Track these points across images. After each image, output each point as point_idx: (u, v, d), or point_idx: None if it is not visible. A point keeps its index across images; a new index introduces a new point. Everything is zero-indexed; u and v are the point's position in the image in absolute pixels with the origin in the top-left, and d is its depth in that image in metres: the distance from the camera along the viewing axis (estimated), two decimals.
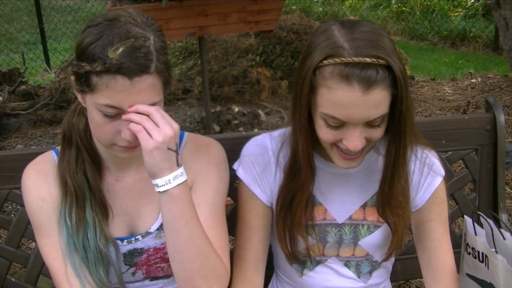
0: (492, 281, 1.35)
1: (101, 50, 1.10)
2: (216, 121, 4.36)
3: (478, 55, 6.75)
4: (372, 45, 1.10)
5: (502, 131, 1.65)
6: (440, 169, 1.38)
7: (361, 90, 1.08)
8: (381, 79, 1.09)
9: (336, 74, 1.10)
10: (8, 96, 4.80)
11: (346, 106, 1.11)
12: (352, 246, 1.37)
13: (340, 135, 1.16)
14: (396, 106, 1.15)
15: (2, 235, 3.00)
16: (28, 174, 1.30)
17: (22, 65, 5.93)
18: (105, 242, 1.27)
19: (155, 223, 1.32)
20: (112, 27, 1.13)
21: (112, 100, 1.12)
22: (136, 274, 1.34)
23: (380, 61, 1.09)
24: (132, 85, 1.11)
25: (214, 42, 5.11)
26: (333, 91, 1.11)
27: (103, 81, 1.11)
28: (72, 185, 1.26)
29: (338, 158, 1.22)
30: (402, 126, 1.18)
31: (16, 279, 1.61)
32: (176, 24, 2.97)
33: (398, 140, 1.21)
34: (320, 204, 1.35)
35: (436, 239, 1.38)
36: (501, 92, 4.76)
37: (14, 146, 4.41)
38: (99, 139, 1.22)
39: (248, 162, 1.36)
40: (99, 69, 1.10)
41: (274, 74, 5.07)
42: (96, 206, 1.27)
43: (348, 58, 1.08)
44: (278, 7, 3.18)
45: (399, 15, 8.19)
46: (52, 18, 8.46)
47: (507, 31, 3.98)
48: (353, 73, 1.08)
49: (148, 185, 1.31)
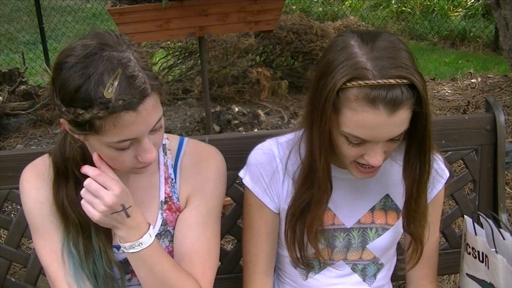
0: (492, 281, 1.35)
1: (95, 93, 1.04)
2: (216, 121, 4.36)
3: (478, 55, 6.75)
4: (395, 64, 1.09)
5: (502, 131, 1.65)
6: (444, 172, 1.39)
7: (387, 112, 1.08)
8: (405, 99, 1.08)
9: (362, 98, 1.08)
10: (8, 96, 4.80)
11: (371, 128, 1.10)
12: (360, 250, 1.36)
13: (362, 151, 1.17)
14: (418, 122, 1.15)
15: (2, 235, 3.00)
16: (26, 176, 1.29)
17: (22, 65, 5.92)
18: (111, 266, 1.27)
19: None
20: (92, 63, 1.05)
21: (124, 135, 1.09)
22: (132, 280, 1.34)
23: (404, 81, 1.08)
24: (139, 114, 1.08)
25: (214, 42, 5.11)
26: (359, 113, 1.10)
27: (109, 122, 1.07)
28: (76, 217, 1.23)
29: (356, 171, 1.22)
30: (427, 141, 1.18)
31: (16, 279, 1.61)
32: (176, 24, 2.97)
33: (423, 155, 1.20)
34: (329, 210, 1.34)
35: (435, 221, 1.41)
36: (501, 92, 4.76)
37: (14, 146, 4.41)
38: (114, 167, 1.19)
39: (256, 171, 1.35)
40: (102, 114, 1.05)
41: (274, 74, 5.07)
42: (100, 233, 1.26)
43: (373, 81, 1.07)
44: (278, 7, 3.18)
45: (399, 15, 8.19)
46: (52, 18, 8.46)
47: (507, 31, 3.98)
48: (379, 96, 1.07)
49: (145, 193, 1.32)
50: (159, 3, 2.84)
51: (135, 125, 1.09)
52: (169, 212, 1.32)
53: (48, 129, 4.68)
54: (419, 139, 1.18)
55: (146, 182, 1.32)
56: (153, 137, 1.16)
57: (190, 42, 5.24)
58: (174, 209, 1.32)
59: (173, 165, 1.33)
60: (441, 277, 2.49)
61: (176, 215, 1.32)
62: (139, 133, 1.11)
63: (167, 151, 1.34)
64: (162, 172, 1.32)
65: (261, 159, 1.35)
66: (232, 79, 5.09)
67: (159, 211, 1.31)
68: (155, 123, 1.13)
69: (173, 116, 4.72)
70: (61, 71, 1.08)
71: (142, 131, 1.11)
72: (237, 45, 5.12)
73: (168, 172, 1.33)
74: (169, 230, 1.32)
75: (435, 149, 1.34)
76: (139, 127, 1.10)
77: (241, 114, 4.45)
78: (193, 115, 4.63)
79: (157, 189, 1.32)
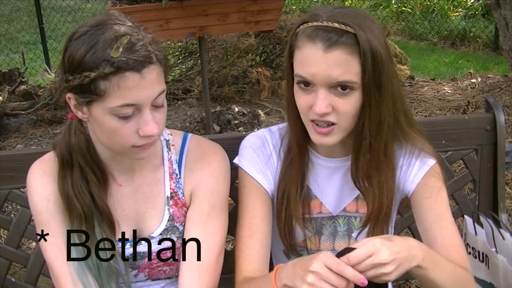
0: (492, 281, 1.35)
1: (101, 54, 1.09)
2: (216, 121, 4.36)
3: (478, 55, 6.75)
4: (347, 16, 1.18)
5: (502, 131, 1.65)
6: (429, 158, 1.33)
7: (322, 48, 1.16)
8: (343, 42, 1.15)
9: (305, 35, 1.19)
10: (8, 96, 4.80)
11: (310, 63, 1.18)
12: (346, 239, 1.38)
13: (310, 101, 1.21)
14: (363, 77, 1.18)
15: (2, 235, 3.00)
16: (33, 173, 1.30)
17: (22, 65, 5.93)
18: (115, 258, 1.27)
19: (158, 228, 1.32)
20: (102, 31, 1.11)
21: (127, 99, 1.11)
22: (138, 276, 1.35)
23: (348, 28, 1.16)
24: (142, 77, 1.11)
25: (214, 42, 5.11)
26: (301, 50, 1.20)
27: (113, 83, 1.09)
28: (80, 207, 1.24)
29: (313, 132, 1.25)
30: (371, 98, 1.20)
31: (16, 279, 1.61)
32: (176, 24, 2.97)
33: (368, 111, 1.21)
34: (316, 198, 1.37)
35: (434, 215, 1.30)
36: (501, 92, 4.76)
37: (14, 146, 4.41)
38: (115, 146, 1.19)
39: (251, 152, 1.37)
40: (108, 70, 1.08)
41: (274, 74, 5.08)
42: (103, 224, 1.26)
43: (319, 22, 1.18)
44: (278, 7, 3.18)
45: (399, 15, 8.19)
46: (52, 18, 8.46)
47: (507, 31, 3.98)
48: (318, 33, 1.17)
49: (151, 189, 1.32)
50: (159, 3, 2.84)
51: (138, 89, 1.10)
52: (175, 208, 1.33)
53: (48, 129, 4.68)
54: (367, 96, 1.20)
55: (151, 177, 1.33)
56: (156, 114, 1.17)
57: (190, 42, 5.24)
58: (180, 204, 1.33)
59: (177, 161, 1.34)
60: None
61: (182, 211, 1.33)
62: (142, 99, 1.12)
63: (171, 146, 1.35)
64: (166, 168, 1.33)
65: (256, 142, 1.38)
66: (232, 79, 5.09)
67: (166, 206, 1.32)
68: (157, 93, 1.14)
69: (173, 116, 4.72)
70: (71, 41, 1.14)
71: (145, 98, 1.12)
72: (237, 45, 5.12)
73: (172, 167, 1.34)
74: (176, 226, 1.33)
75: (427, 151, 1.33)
76: (143, 92, 1.11)
77: (241, 114, 4.45)
78: (193, 115, 4.63)
79: (162, 185, 1.33)
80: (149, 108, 1.15)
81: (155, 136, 1.17)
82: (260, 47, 5.33)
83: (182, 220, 1.33)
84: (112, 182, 1.31)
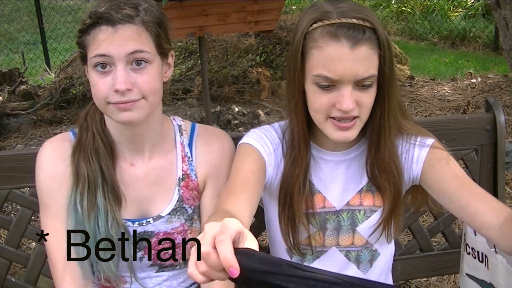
0: (492, 281, 1.35)
1: (93, 9, 1.19)
2: (216, 121, 4.36)
3: (478, 55, 6.75)
4: (357, 10, 1.20)
5: (502, 131, 1.65)
6: (427, 138, 1.34)
7: (349, 45, 1.16)
8: (367, 37, 1.17)
9: (326, 33, 1.18)
10: (8, 96, 4.80)
11: (336, 61, 1.16)
12: (350, 233, 1.37)
13: (333, 99, 1.20)
14: (381, 69, 1.21)
15: (2, 235, 3.00)
16: (43, 150, 1.33)
17: (22, 65, 5.93)
18: (117, 230, 1.28)
19: (167, 208, 1.34)
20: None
21: (98, 49, 1.17)
22: (143, 259, 1.35)
23: (366, 23, 1.17)
24: (115, 31, 1.17)
25: (214, 42, 5.12)
26: (324, 49, 1.18)
27: (91, 36, 1.19)
28: (86, 171, 1.28)
29: (332, 129, 1.24)
30: (387, 88, 1.23)
31: (16, 279, 1.61)
32: (176, 24, 2.96)
33: (383, 102, 1.25)
34: (319, 192, 1.36)
35: (455, 180, 1.27)
36: (501, 92, 4.77)
37: (14, 146, 4.41)
38: (98, 104, 1.24)
39: (261, 134, 1.34)
40: (87, 22, 1.17)
41: (274, 74, 5.08)
42: (108, 193, 1.28)
43: (336, 19, 1.17)
44: (278, 7, 3.18)
45: (399, 15, 8.20)
46: (52, 18, 8.47)
47: (507, 31, 3.98)
48: (341, 31, 1.16)
49: (163, 172, 1.35)
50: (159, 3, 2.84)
51: (108, 42, 1.17)
52: (185, 189, 1.35)
53: (48, 129, 4.68)
54: (381, 86, 1.23)
55: (163, 160, 1.36)
56: (135, 76, 1.20)
57: (190, 42, 5.24)
58: (191, 186, 1.36)
59: (189, 144, 1.39)
60: (441, 277, 2.50)
61: (193, 193, 1.36)
62: (113, 51, 1.17)
63: (183, 131, 1.40)
64: (179, 151, 1.37)
65: (265, 129, 1.37)
66: (232, 79, 5.09)
67: (176, 187, 1.35)
68: (132, 50, 1.18)
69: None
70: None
71: (115, 51, 1.17)
72: (237, 45, 5.12)
73: (184, 151, 1.38)
74: (185, 208, 1.35)
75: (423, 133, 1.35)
76: (113, 46, 1.17)
77: (241, 114, 4.45)
78: (193, 115, 4.63)
79: (175, 167, 1.36)
80: (123, 64, 1.18)
81: (123, 91, 1.18)
82: (260, 47, 5.33)
83: (191, 203, 1.36)
84: (123, 161, 1.34)
